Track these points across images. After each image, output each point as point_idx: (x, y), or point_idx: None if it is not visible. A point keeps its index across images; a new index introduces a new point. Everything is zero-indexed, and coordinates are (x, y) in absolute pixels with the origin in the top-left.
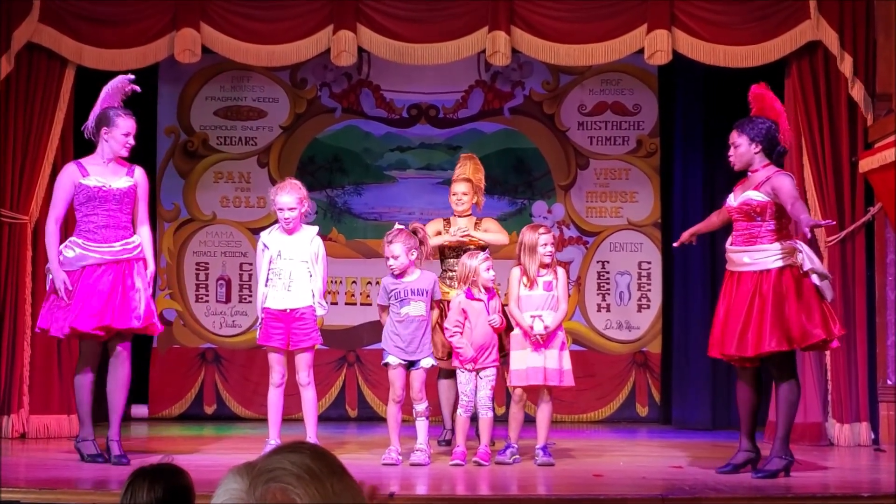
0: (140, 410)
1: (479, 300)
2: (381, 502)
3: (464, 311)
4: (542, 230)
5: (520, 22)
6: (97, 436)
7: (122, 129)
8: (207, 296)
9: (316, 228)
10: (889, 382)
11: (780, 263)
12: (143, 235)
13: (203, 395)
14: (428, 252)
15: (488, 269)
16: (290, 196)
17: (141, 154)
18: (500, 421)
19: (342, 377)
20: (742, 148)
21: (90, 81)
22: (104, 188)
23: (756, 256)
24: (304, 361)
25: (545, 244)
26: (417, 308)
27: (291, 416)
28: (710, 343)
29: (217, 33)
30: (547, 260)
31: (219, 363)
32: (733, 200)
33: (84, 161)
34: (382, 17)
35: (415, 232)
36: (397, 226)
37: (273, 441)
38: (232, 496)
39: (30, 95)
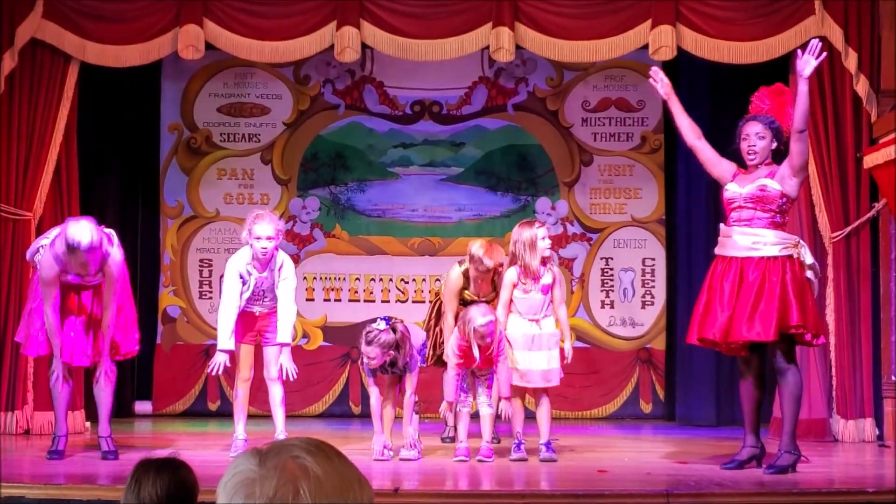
0: (144, 407)
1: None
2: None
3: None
4: (537, 224)
5: (524, 18)
6: (91, 432)
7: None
8: (211, 292)
9: (285, 257)
10: (893, 378)
11: (785, 252)
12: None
13: (207, 391)
14: None
15: (484, 337)
16: (270, 226)
17: (144, 151)
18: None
19: (345, 374)
20: (767, 141)
21: (94, 78)
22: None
23: (762, 242)
24: (273, 356)
25: (544, 237)
26: None
27: (295, 412)
28: (701, 327)
29: (220, 29)
30: (547, 253)
31: None
32: (738, 188)
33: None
34: (386, 14)
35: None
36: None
37: (242, 437)
38: (241, 469)
39: (33, 92)
